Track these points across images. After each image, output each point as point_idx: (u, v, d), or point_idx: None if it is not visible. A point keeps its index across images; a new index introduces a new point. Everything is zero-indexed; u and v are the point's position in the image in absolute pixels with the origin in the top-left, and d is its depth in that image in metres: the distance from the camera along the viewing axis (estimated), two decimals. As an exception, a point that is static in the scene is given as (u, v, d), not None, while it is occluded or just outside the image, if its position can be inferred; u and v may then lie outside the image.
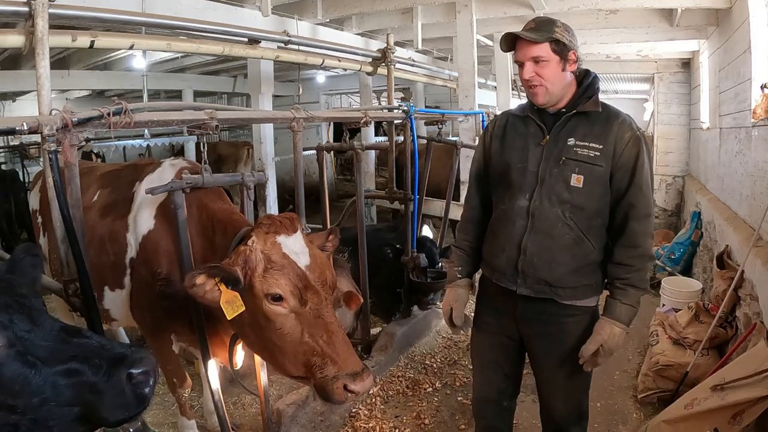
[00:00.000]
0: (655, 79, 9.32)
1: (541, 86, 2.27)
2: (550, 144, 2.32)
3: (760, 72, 4.29)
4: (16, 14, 2.60)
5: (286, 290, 2.06)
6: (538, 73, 2.26)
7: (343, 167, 15.18)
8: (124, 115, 2.37)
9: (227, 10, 4.95)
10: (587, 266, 2.33)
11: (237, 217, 2.70)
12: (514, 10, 6.28)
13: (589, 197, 2.27)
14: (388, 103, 5.28)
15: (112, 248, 2.95)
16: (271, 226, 2.16)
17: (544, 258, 2.31)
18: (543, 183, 2.30)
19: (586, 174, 2.25)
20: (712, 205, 5.83)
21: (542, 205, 2.30)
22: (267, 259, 2.10)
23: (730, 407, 2.80)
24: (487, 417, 2.70)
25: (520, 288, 2.37)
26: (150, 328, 3.05)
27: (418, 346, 4.93)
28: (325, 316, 2.10)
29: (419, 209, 5.21)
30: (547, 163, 2.30)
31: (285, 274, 2.07)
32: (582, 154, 2.26)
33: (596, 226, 2.31)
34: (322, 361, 2.06)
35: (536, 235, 2.31)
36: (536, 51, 2.24)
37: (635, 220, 2.26)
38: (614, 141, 2.24)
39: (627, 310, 2.28)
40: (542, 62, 2.25)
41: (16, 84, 8.44)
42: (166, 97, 12.12)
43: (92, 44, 3.40)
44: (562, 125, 2.32)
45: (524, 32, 2.26)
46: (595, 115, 2.30)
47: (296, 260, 2.12)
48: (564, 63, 2.27)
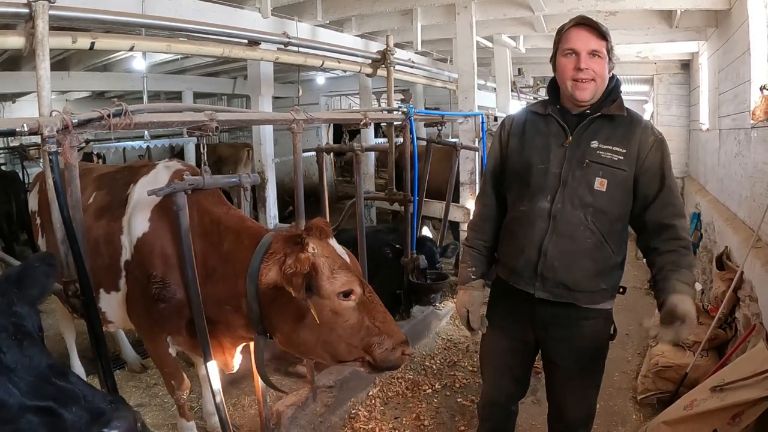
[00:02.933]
0: (655, 80, 9.35)
1: (592, 81, 2.22)
2: (573, 145, 2.27)
3: (760, 73, 4.29)
4: (16, 16, 2.61)
5: (355, 284, 2.30)
6: (592, 67, 2.21)
7: (343, 169, 15.17)
8: (124, 116, 2.37)
9: (227, 12, 4.95)
10: (606, 270, 2.30)
11: (251, 224, 2.74)
12: (513, 11, 6.30)
13: (611, 201, 2.24)
14: (387, 105, 5.29)
15: (107, 250, 2.94)
16: (322, 233, 2.36)
17: (564, 261, 2.26)
18: (566, 185, 2.25)
19: (610, 178, 2.21)
20: (712, 207, 5.83)
21: (564, 207, 2.24)
22: (331, 262, 2.29)
23: (730, 408, 2.80)
24: (493, 420, 2.69)
25: (538, 291, 2.32)
26: (146, 331, 3.04)
27: (418, 348, 4.93)
28: (376, 301, 2.40)
29: (419, 211, 5.22)
30: (570, 165, 2.25)
31: (350, 273, 2.31)
32: (606, 158, 2.22)
33: (617, 230, 2.29)
34: (381, 338, 2.35)
35: (558, 238, 2.25)
36: (597, 44, 2.21)
37: (675, 217, 2.23)
38: (638, 145, 2.22)
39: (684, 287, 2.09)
40: (598, 57, 2.21)
41: (16, 85, 8.43)
42: (166, 99, 12.11)
43: (92, 46, 3.41)
44: (585, 127, 2.28)
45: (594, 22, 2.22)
46: (619, 119, 2.27)
47: (346, 259, 2.37)
48: (609, 61, 2.27)
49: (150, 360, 4.47)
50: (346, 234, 5.16)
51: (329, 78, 12.35)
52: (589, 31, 2.21)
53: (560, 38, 2.29)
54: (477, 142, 6.39)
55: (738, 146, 4.89)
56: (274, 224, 6.10)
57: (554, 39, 2.35)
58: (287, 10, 5.86)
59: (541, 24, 6.69)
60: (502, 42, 8.06)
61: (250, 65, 6.29)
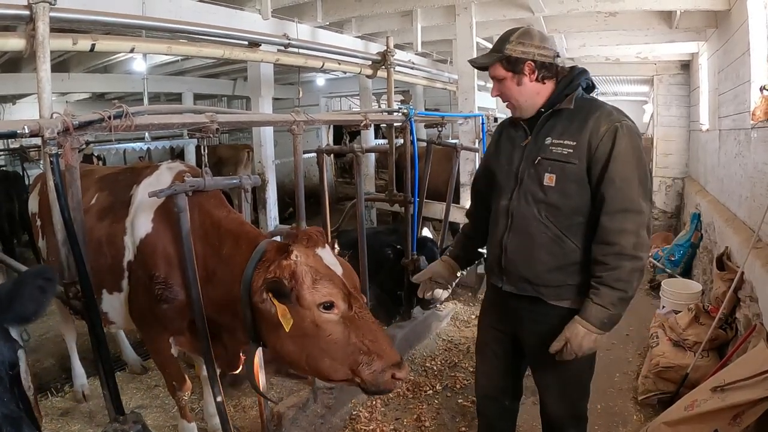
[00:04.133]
0: (655, 81, 9.33)
1: (508, 101, 2.41)
2: (530, 144, 2.37)
3: (759, 74, 4.29)
4: (17, 18, 2.61)
5: (338, 298, 2.18)
6: (500, 92, 2.40)
7: (343, 170, 15.18)
8: (125, 118, 2.37)
9: (227, 14, 4.96)
10: (570, 265, 2.30)
11: (249, 228, 2.71)
12: (513, 12, 6.30)
13: (563, 196, 2.26)
14: (388, 106, 5.29)
15: (110, 251, 2.95)
16: (309, 241, 2.26)
17: (522, 256, 2.35)
18: (521, 183, 2.36)
19: (558, 172, 2.26)
20: (712, 207, 5.83)
21: (519, 204, 2.35)
22: (314, 271, 2.19)
23: (731, 408, 2.79)
24: (488, 415, 2.75)
25: (504, 285, 2.44)
26: (149, 331, 3.05)
27: (419, 349, 4.93)
28: (366, 317, 2.24)
29: (419, 212, 5.22)
30: (526, 164, 2.36)
31: (334, 284, 2.19)
32: (555, 153, 2.27)
33: (577, 224, 2.28)
34: (369, 358, 2.19)
35: (514, 233, 2.37)
36: (491, 72, 2.38)
37: (606, 215, 2.19)
38: (588, 136, 2.21)
39: (597, 311, 2.18)
40: (501, 81, 2.37)
41: (16, 87, 8.44)
42: (166, 100, 12.12)
43: (93, 47, 3.41)
44: (541, 125, 2.36)
45: (477, 57, 2.48)
46: (571, 111, 2.29)
47: (335, 270, 2.25)
48: (519, 77, 2.32)
49: (151, 361, 4.48)
50: (346, 235, 5.16)
51: (329, 79, 12.36)
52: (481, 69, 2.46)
53: None
54: (477, 143, 6.40)
55: (738, 147, 4.89)
56: (275, 225, 6.10)
57: None
58: (287, 12, 5.87)
59: (541, 25, 6.68)
60: (502, 43, 8.04)
61: (250, 67, 6.29)
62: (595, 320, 2.19)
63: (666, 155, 9.23)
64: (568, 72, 2.37)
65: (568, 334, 2.24)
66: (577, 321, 2.23)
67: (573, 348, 2.23)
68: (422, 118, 6.02)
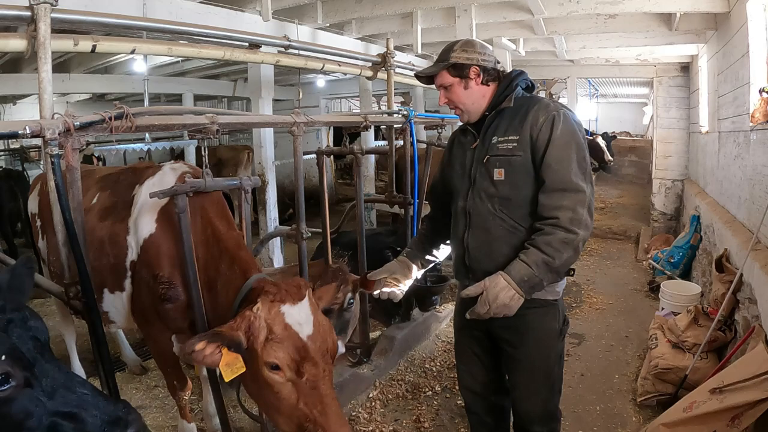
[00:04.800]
0: (655, 83, 9.35)
1: (457, 108, 2.52)
2: (479, 146, 2.49)
3: (759, 76, 4.30)
4: (18, 18, 2.61)
5: (284, 363, 2.07)
6: (448, 98, 2.51)
7: (343, 171, 15.18)
8: (126, 119, 2.38)
9: (228, 15, 4.97)
10: None
11: (244, 255, 2.65)
12: (513, 14, 6.31)
13: (513, 188, 2.38)
14: (388, 108, 5.30)
15: (112, 251, 2.96)
16: (277, 295, 2.15)
17: (483, 251, 2.44)
18: (474, 182, 2.48)
19: (506, 166, 2.38)
20: (711, 209, 5.84)
21: (475, 202, 2.46)
22: (269, 329, 2.09)
23: (729, 410, 2.80)
24: (477, 412, 2.79)
25: (470, 283, 2.45)
26: (150, 331, 3.06)
27: (418, 350, 4.93)
28: (320, 388, 2.10)
29: (419, 213, 5.22)
30: (476, 164, 2.48)
31: (284, 347, 2.07)
32: (502, 149, 2.39)
33: (530, 213, 2.37)
34: (315, 427, 2.08)
35: (473, 230, 2.47)
36: (439, 80, 2.50)
37: (543, 194, 2.30)
38: (529, 128, 2.35)
39: (521, 266, 2.25)
40: (448, 87, 2.49)
41: (17, 87, 8.45)
42: (167, 101, 12.12)
43: (94, 48, 3.41)
44: (487, 127, 2.48)
45: (423, 69, 2.60)
46: (514, 109, 2.42)
47: (298, 331, 2.11)
48: (466, 81, 2.46)
49: (150, 362, 4.48)
50: (346, 236, 5.17)
51: (329, 81, 12.36)
52: (426, 80, 2.56)
53: None
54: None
55: (737, 148, 4.90)
56: (275, 226, 6.11)
57: None
58: (288, 13, 5.88)
59: (541, 27, 6.70)
60: (502, 45, 8.06)
61: (251, 68, 6.30)
62: (516, 274, 2.26)
63: (666, 157, 9.24)
64: (507, 75, 2.52)
65: (487, 283, 2.30)
66: (499, 274, 2.29)
67: (489, 297, 2.27)
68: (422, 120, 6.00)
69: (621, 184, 12.50)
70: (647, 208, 9.90)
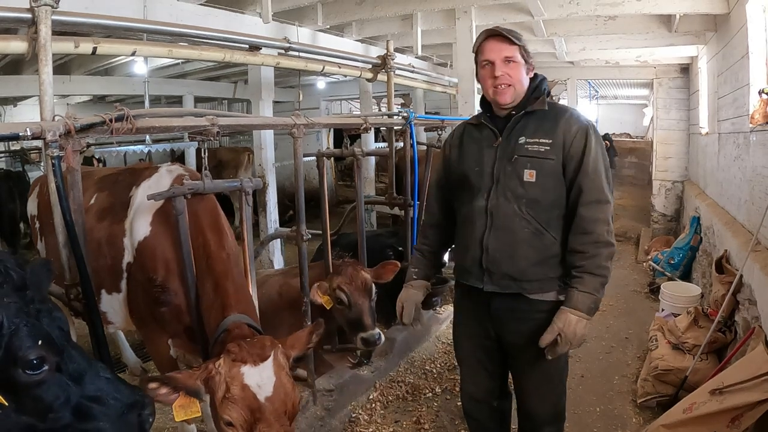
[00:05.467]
0: (654, 84, 9.35)
1: (510, 86, 2.40)
2: (503, 144, 2.43)
3: (758, 77, 4.30)
4: (19, 21, 2.62)
5: (237, 423, 2.06)
6: (508, 73, 2.39)
7: (343, 173, 15.19)
8: (126, 121, 2.38)
9: (228, 17, 4.98)
10: (550, 258, 2.39)
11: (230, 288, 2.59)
12: (513, 16, 6.32)
13: (543, 190, 2.35)
14: (388, 110, 5.30)
15: (109, 252, 2.95)
16: (238, 355, 2.13)
17: (505, 253, 2.39)
18: (498, 182, 2.41)
19: (538, 168, 2.35)
20: (711, 210, 5.84)
21: (499, 202, 2.39)
22: (227, 388, 2.09)
23: (729, 411, 2.80)
24: (478, 418, 2.76)
25: (486, 285, 2.44)
26: (147, 333, 3.06)
27: (418, 351, 4.93)
28: None
29: (419, 215, 5.22)
30: (501, 163, 2.41)
31: (237, 409, 2.07)
32: (533, 150, 2.36)
33: (555, 217, 2.38)
34: None
35: (496, 231, 2.40)
36: (511, 52, 2.39)
37: (583, 206, 2.32)
38: (562, 134, 2.35)
39: (584, 297, 2.29)
40: (513, 63, 2.39)
41: (17, 89, 8.46)
42: (167, 103, 12.14)
43: (95, 50, 3.42)
44: (512, 126, 2.43)
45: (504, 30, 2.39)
46: (543, 113, 2.41)
47: (256, 392, 2.09)
48: (527, 67, 2.45)
49: (150, 363, 4.48)
50: (346, 238, 5.17)
51: (330, 82, 12.38)
52: (500, 40, 2.39)
53: (476, 52, 2.48)
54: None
55: (737, 150, 4.90)
56: (275, 228, 6.11)
57: (474, 53, 2.52)
58: (288, 15, 5.89)
59: (541, 28, 6.71)
60: (502, 46, 8.07)
61: (251, 70, 6.31)
62: (584, 306, 2.29)
63: (666, 158, 9.24)
64: (533, 78, 2.50)
65: (560, 325, 2.29)
66: (566, 311, 2.30)
67: (568, 336, 2.29)
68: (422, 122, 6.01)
69: (621, 186, 12.50)
70: (647, 209, 9.90)
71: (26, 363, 1.51)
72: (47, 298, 1.68)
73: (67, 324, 1.66)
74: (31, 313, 1.56)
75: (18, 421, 1.55)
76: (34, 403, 1.55)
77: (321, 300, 3.57)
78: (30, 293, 1.60)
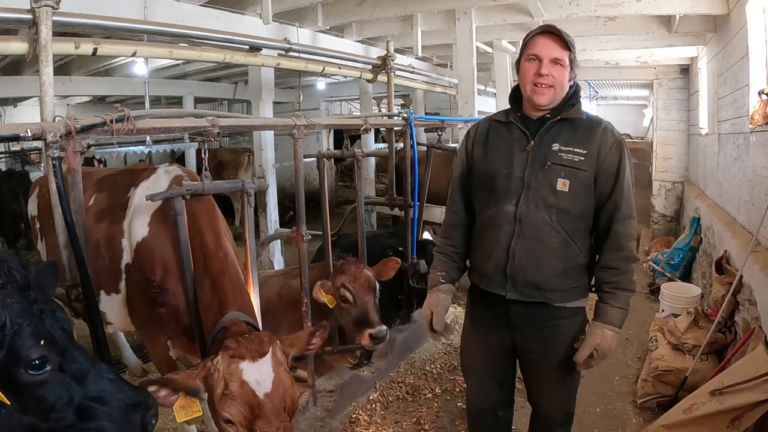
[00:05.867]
0: (654, 85, 9.35)
1: (552, 87, 2.31)
2: (535, 149, 2.35)
3: (758, 78, 4.30)
4: (19, 21, 2.63)
5: (236, 420, 2.06)
6: (553, 74, 2.30)
7: (344, 174, 15.19)
8: (127, 121, 2.38)
9: (228, 18, 4.98)
10: (574, 269, 2.37)
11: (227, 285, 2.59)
12: (513, 17, 6.32)
13: (574, 201, 2.31)
14: (388, 110, 5.31)
15: (108, 253, 2.96)
16: (236, 351, 2.12)
17: (532, 261, 2.33)
18: (529, 188, 2.33)
19: (571, 178, 2.30)
20: (711, 211, 5.84)
21: (529, 209, 2.32)
22: (225, 385, 2.08)
23: (729, 411, 2.81)
24: (482, 426, 2.72)
25: (509, 293, 2.38)
26: (146, 333, 3.07)
27: (418, 352, 4.94)
28: None
29: (419, 216, 5.23)
30: (532, 168, 2.33)
31: (236, 405, 2.06)
32: (567, 159, 2.31)
33: (581, 228, 2.36)
34: None
35: (524, 239, 2.33)
36: (559, 54, 2.30)
37: (619, 222, 2.32)
38: (597, 146, 2.31)
39: (618, 313, 2.32)
40: (560, 66, 2.31)
41: (17, 89, 8.46)
42: (167, 104, 12.14)
43: (95, 51, 3.42)
44: (546, 131, 2.36)
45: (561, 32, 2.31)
46: (578, 122, 2.37)
47: (255, 389, 2.08)
48: (571, 73, 2.37)
49: (151, 364, 4.48)
50: (346, 239, 5.17)
51: (330, 83, 12.38)
52: (554, 39, 2.30)
53: (526, 43, 2.38)
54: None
55: (737, 150, 4.90)
56: (275, 229, 6.11)
57: (521, 44, 2.43)
58: (288, 16, 5.89)
59: (541, 29, 6.71)
60: (502, 47, 8.08)
61: (251, 70, 6.30)
62: (617, 321, 2.32)
63: (665, 159, 9.24)
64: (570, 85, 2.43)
65: (597, 341, 2.29)
66: (601, 327, 2.31)
67: (604, 351, 2.30)
68: (422, 123, 6.02)
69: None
70: (647, 210, 9.89)
71: (28, 363, 1.52)
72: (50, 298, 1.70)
73: (70, 324, 1.67)
74: (35, 313, 1.57)
75: (20, 421, 1.55)
76: (36, 403, 1.56)
77: (324, 299, 3.55)
78: (33, 294, 1.61)
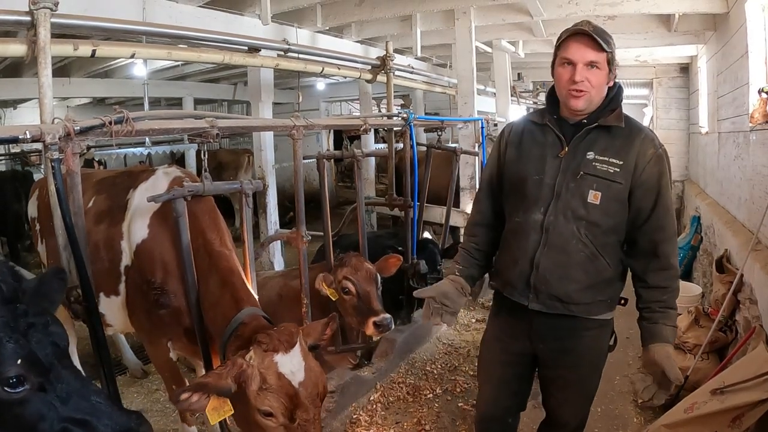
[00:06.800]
0: (654, 84, 9.36)
1: (587, 92, 2.17)
2: (568, 156, 2.24)
3: (758, 76, 4.30)
4: (18, 23, 2.62)
5: (278, 411, 2.09)
6: (589, 78, 2.16)
7: (343, 174, 15.19)
8: (126, 123, 2.38)
9: (227, 19, 4.98)
10: (601, 283, 2.27)
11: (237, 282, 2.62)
12: (512, 16, 6.33)
13: (605, 214, 2.19)
14: (387, 111, 5.30)
15: (107, 255, 2.96)
16: (269, 344, 2.15)
17: (557, 274, 2.23)
18: (559, 197, 2.22)
19: (604, 190, 2.17)
20: (712, 210, 5.84)
21: (557, 220, 2.22)
22: (263, 379, 2.10)
23: (730, 410, 2.81)
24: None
25: (531, 303, 2.30)
26: (146, 335, 3.06)
27: (419, 353, 4.93)
28: (310, 430, 2.13)
29: (419, 216, 5.23)
30: (564, 177, 2.22)
31: (278, 397, 2.10)
32: (601, 170, 2.18)
33: (611, 243, 2.25)
34: None
35: (550, 250, 2.23)
36: (595, 56, 2.15)
37: (666, 242, 2.22)
38: (635, 157, 2.17)
39: (671, 331, 2.27)
40: (596, 68, 2.17)
41: (17, 91, 8.47)
42: (167, 105, 12.15)
43: (94, 53, 3.42)
44: (582, 137, 2.24)
45: (595, 32, 2.15)
46: (617, 129, 2.22)
47: (291, 379, 2.12)
48: (609, 76, 2.23)
49: (151, 366, 4.48)
50: (347, 239, 5.17)
51: (329, 84, 12.38)
52: (588, 41, 2.15)
53: (559, 46, 2.25)
54: (477, 147, 6.42)
55: (737, 149, 4.90)
56: (275, 230, 6.11)
57: (555, 44, 2.29)
58: (287, 17, 5.89)
59: (540, 29, 6.71)
60: (502, 47, 8.09)
61: (251, 71, 6.30)
62: (672, 338, 2.30)
63: (666, 158, 9.23)
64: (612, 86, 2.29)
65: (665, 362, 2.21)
66: (662, 346, 2.25)
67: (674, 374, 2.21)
68: (422, 123, 6.03)
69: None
70: (648, 209, 9.90)
71: (5, 380, 1.45)
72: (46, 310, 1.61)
73: (64, 339, 1.60)
74: (20, 328, 1.50)
75: None
76: (15, 421, 1.49)
77: (326, 291, 3.56)
78: (22, 306, 1.53)
